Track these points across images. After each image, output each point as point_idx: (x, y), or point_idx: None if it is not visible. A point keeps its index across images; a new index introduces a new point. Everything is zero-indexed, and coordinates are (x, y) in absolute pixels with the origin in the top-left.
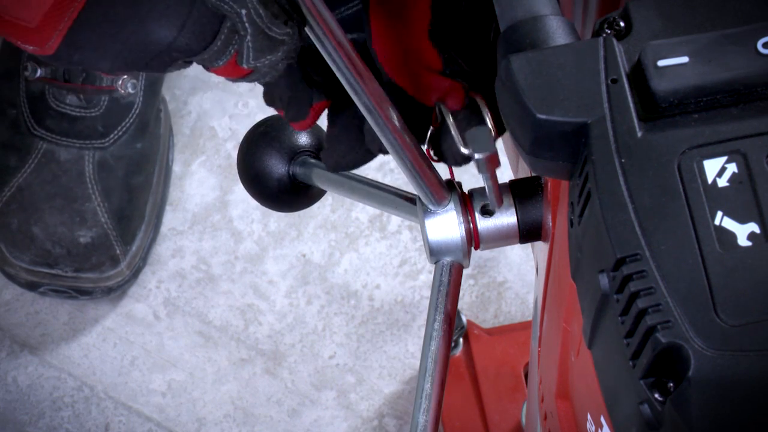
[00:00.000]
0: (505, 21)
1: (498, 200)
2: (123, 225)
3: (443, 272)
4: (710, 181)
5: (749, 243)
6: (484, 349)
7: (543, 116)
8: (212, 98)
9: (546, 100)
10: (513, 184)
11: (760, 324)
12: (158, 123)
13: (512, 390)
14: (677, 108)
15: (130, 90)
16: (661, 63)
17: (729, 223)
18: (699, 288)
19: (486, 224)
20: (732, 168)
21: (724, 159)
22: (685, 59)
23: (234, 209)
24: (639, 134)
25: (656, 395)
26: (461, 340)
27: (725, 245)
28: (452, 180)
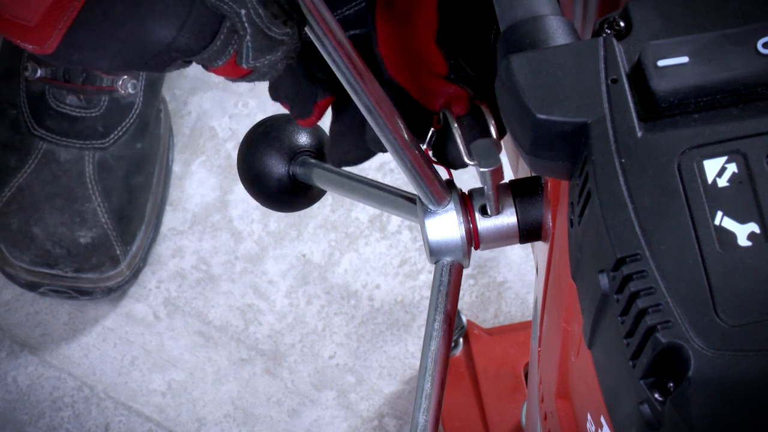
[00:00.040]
0: (505, 21)
1: (497, 208)
2: (123, 225)
3: (443, 272)
4: (710, 181)
5: (749, 243)
6: (484, 349)
7: (543, 116)
8: (212, 98)
9: (546, 100)
10: (513, 184)
11: (760, 324)
12: (158, 123)
13: (512, 390)
14: (677, 108)
15: (130, 90)
16: (661, 63)
17: (729, 223)
18: (699, 288)
19: (486, 224)
20: (732, 168)
21: (724, 159)
22: (685, 59)
23: (234, 209)
24: (639, 134)
25: (656, 395)
26: (461, 340)
27: (725, 245)
28: (452, 180)
